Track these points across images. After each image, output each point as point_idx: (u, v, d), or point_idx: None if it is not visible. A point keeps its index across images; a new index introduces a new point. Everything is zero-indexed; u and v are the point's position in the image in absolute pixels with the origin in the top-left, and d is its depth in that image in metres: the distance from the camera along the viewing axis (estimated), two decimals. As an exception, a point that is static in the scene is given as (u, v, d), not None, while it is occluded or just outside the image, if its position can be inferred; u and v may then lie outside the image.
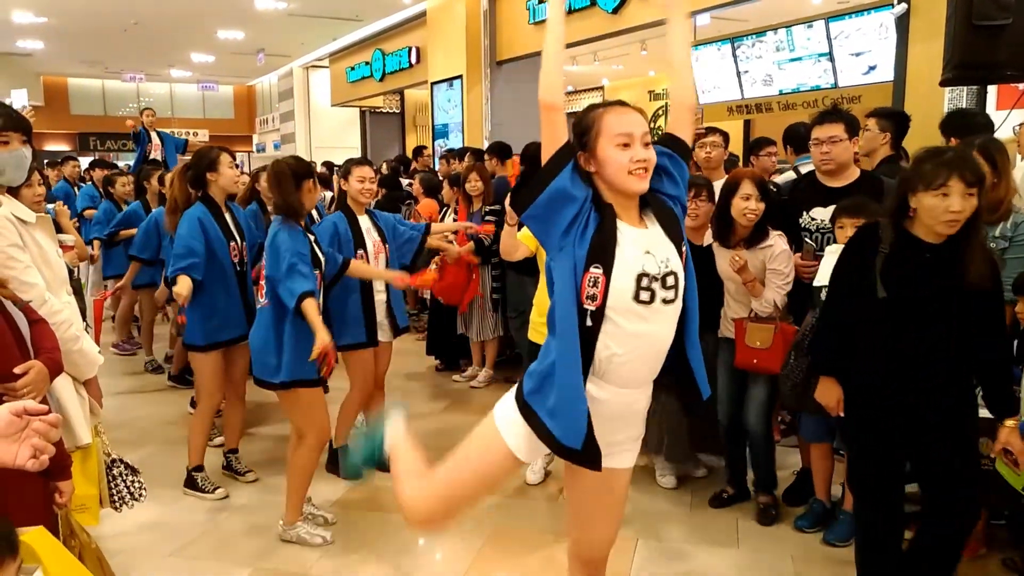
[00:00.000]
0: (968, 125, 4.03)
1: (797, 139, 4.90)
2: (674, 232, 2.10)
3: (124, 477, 2.83)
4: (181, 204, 4.07)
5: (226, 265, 3.99)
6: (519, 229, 3.70)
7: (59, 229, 4.22)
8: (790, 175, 4.89)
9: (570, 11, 9.45)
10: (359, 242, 4.13)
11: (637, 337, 2.03)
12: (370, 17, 13.78)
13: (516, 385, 2.21)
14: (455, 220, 6.02)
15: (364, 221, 4.21)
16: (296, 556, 3.51)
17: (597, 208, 2.05)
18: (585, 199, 2.04)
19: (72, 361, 2.51)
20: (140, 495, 2.87)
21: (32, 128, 2.67)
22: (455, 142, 11.52)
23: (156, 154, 9.41)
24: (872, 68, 7.28)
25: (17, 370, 1.95)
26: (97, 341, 4.35)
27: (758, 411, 3.68)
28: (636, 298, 1.99)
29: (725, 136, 4.80)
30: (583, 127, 2.11)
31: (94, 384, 2.72)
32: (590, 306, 1.98)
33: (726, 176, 4.70)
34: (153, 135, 9.64)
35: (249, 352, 3.66)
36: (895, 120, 4.23)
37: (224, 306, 4.00)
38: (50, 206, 4.86)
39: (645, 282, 2.00)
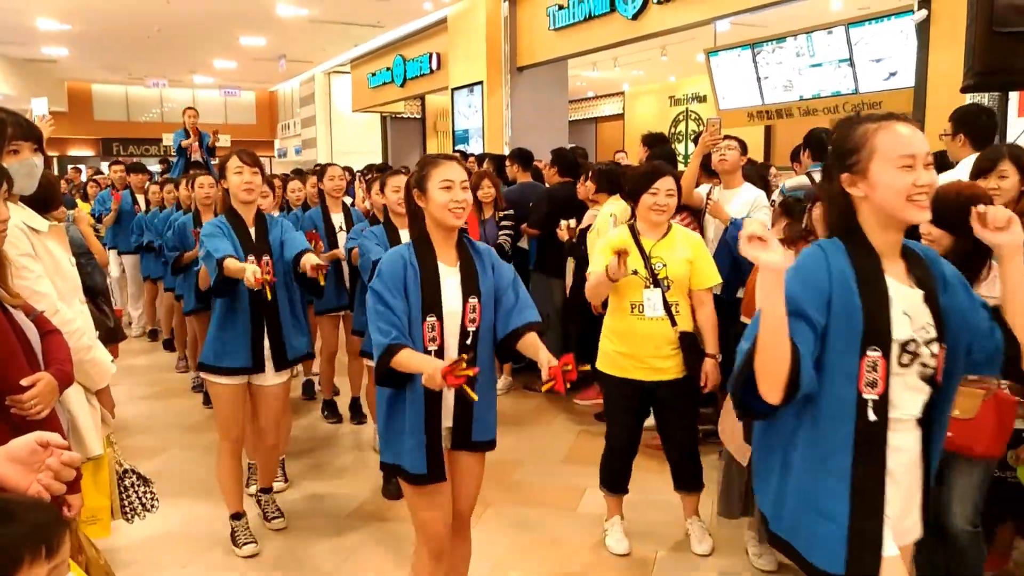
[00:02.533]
0: (990, 128, 3.95)
1: (819, 145, 4.84)
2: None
3: (136, 488, 2.83)
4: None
5: (239, 284, 3.37)
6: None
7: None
8: (802, 179, 4.83)
9: (590, 17, 9.46)
10: None
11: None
12: (391, 23, 13.82)
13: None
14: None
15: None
16: (312, 566, 3.50)
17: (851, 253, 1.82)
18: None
19: (84, 371, 2.51)
20: (152, 506, 2.86)
21: (43, 137, 2.66)
22: (475, 148, 11.52)
23: (197, 155, 9.37)
24: (893, 74, 7.19)
25: (24, 382, 1.94)
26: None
27: (962, 505, 2.71)
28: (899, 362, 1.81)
29: (741, 143, 4.76)
30: (852, 144, 1.83)
31: (106, 394, 2.72)
32: (870, 394, 1.78)
33: (744, 183, 4.67)
34: (195, 139, 9.53)
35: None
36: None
37: (230, 328, 3.51)
38: (70, 212, 4.89)
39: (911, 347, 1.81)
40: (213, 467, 4.60)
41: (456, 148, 12.23)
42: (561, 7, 9.95)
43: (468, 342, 2.53)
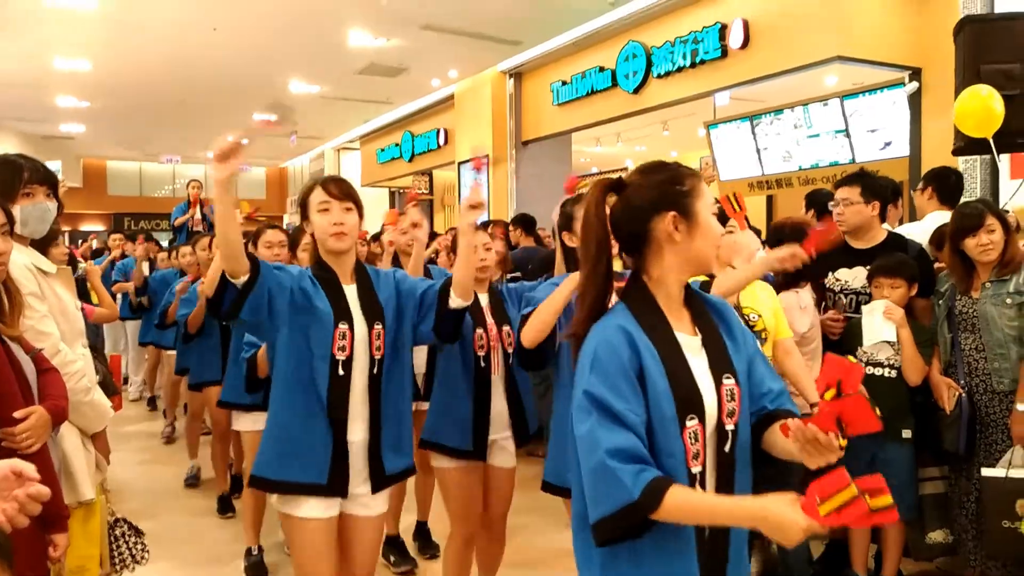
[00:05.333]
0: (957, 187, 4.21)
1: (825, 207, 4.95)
2: None
3: (127, 538, 2.77)
4: None
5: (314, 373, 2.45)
6: None
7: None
8: None
9: (592, 92, 9.69)
10: (478, 320, 3.21)
11: None
12: (400, 100, 14.16)
13: None
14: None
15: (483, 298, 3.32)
16: None
17: None
18: None
19: (82, 413, 2.52)
20: (143, 559, 2.80)
21: (58, 184, 2.73)
22: (481, 219, 11.64)
23: (200, 228, 9.47)
24: (888, 144, 7.35)
25: (18, 415, 1.95)
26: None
27: None
28: None
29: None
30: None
31: (102, 438, 2.71)
32: None
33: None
34: (196, 211, 9.65)
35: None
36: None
37: (300, 431, 2.46)
38: (83, 265, 4.94)
39: None
40: (205, 531, 4.54)
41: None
42: (564, 83, 10.21)
43: (727, 448, 1.60)
